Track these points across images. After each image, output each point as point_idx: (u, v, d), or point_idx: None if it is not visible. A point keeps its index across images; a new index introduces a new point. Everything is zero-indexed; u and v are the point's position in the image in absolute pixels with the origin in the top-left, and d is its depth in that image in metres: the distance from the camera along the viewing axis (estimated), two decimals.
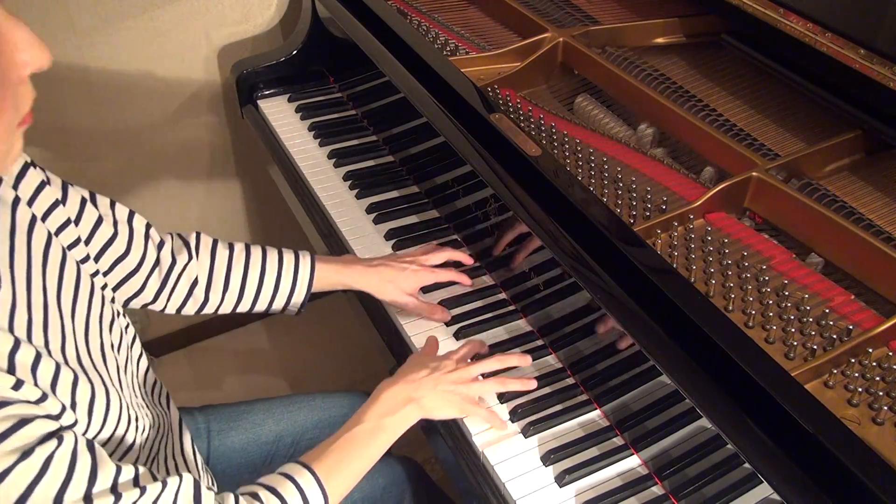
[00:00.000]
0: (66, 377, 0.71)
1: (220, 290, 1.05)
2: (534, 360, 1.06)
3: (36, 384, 0.67)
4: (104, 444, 0.76)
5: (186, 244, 1.04)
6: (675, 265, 0.93)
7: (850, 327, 0.86)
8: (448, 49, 1.33)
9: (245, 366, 2.09)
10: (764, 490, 0.78)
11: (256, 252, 1.07)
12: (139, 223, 0.98)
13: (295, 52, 1.59)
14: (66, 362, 0.73)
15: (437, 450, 1.03)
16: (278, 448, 1.14)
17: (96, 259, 0.91)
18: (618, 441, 0.97)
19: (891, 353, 0.85)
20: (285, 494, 0.82)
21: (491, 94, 1.20)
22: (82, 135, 1.64)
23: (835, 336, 0.84)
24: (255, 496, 0.81)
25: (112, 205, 0.95)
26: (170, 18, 1.60)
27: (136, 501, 0.70)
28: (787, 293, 0.90)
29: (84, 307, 0.81)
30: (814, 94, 1.12)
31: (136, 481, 0.72)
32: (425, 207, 1.32)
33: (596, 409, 1.00)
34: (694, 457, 0.89)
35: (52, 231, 0.82)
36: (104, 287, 0.89)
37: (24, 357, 0.67)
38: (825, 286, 0.93)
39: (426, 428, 1.04)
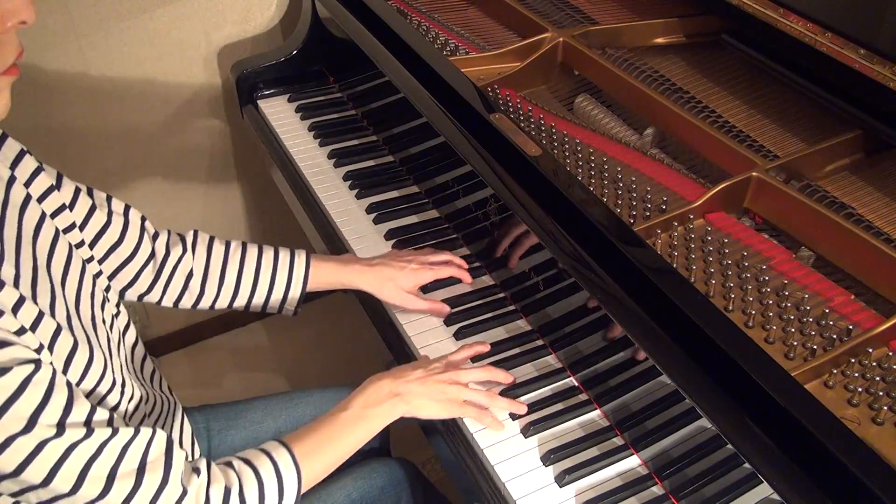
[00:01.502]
0: (47, 325, 0.73)
1: (215, 284, 1.06)
2: (534, 360, 1.06)
3: (16, 319, 0.69)
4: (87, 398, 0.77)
5: (182, 239, 1.05)
6: (675, 265, 0.93)
7: (850, 327, 0.86)
8: (448, 49, 1.33)
9: (244, 365, 2.09)
10: (764, 490, 0.78)
11: (252, 249, 1.09)
12: (135, 215, 1.00)
13: (295, 52, 1.59)
14: (53, 315, 0.75)
15: (438, 450, 1.03)
16: None
17: (91, 245, 0.93)
18: (618, 441, 0.97)
19: (891, 353, 0.85)
20: (260, 469, 0.83)
21: (491, 94, 1.20)
22: (81, 135, 1.64)
23: (835, 336, 0.84)
24: (230, 464, 0.82)
25: (108, 199, 0.98)
26: (169, 18, 1.60)
27: (108, 440, 0.72)
28: (787, 293, 0.90)
29: (75, 281, 0.84)
30: (814, 94, 1.12)
31: (109, 422, 0.74)
32: (425, 207, 1.32)
33: (596, 409, 1.00)
34: (694, 457, 0.89)
35: (48, 213, 0.84)
36: (98, 274, 0.91)
37: (6, 298, 0.69)
38: (825, 286, 0.93)
39: (426, 428, 1.04)
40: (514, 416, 0.99)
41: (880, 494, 0.66)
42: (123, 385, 0.84)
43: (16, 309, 0.69)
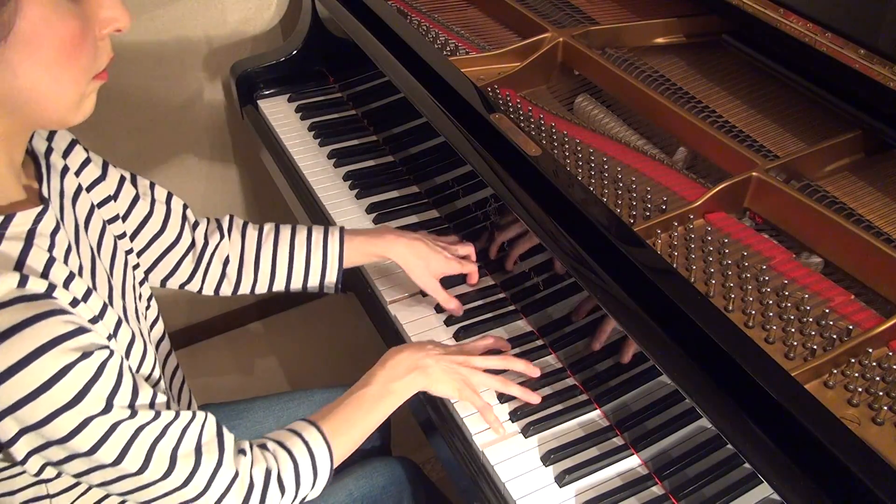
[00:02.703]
0: (110, 316, 0.75)
1: (251, 269, 1.07)
2: (534, 360, 1.06)
3: (90, 309, 0.71)
4: None
5: (219, 225, 1.06)
6: (675, 265, 0.93)
7: (850, 327, 0.86)
8: (448, 49, 1.33)
9: (245, 364, 2.09)
10: (764, 490, 0.78)
11: (286, 231, 1.09)
12: (177, 203, 1.02)
13: (295, 52, 1.59)
14: (112, 305, 0.77)
15: (438, 450, 1.03)
16: None
17: (133, 237, 0.95)
18: (618, 441, 0.97)
19: (891, 353, 0.85)
20: (293, 448, 0.85)
21: (491, 94, 1.20)
22: (81, 135, 1.64)
23: (835, 336, 0.84)
24: (263, 446, 0.84)
25: (152, 185, 0.99)
26: (170, 18, 1.60)
27: (171, 422, 0.74)
28: (787, 293, 0.90)
29: (120, 272, 0.86)
30: (814, 94, 1.12)
31: (168, 405, 0.76)
32: (425, 207, 1.32)
33: (596, 409, 1.00)
34: (694, 457, 0.89)
35: (95, 203, 0.86)
36: (136, 266, 0.93)
37: (78, 287, 0.71)
38: (825, 286, 0.93)
39: (426, 427, 1.04)
40: (514, 416, 0.99)
41: (880, 494, 0.66)
42: (161, 378, 0.86)
43: (86, 298, 0.71)
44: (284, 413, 1.18)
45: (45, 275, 0.68)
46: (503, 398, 1.01)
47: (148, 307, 0.93)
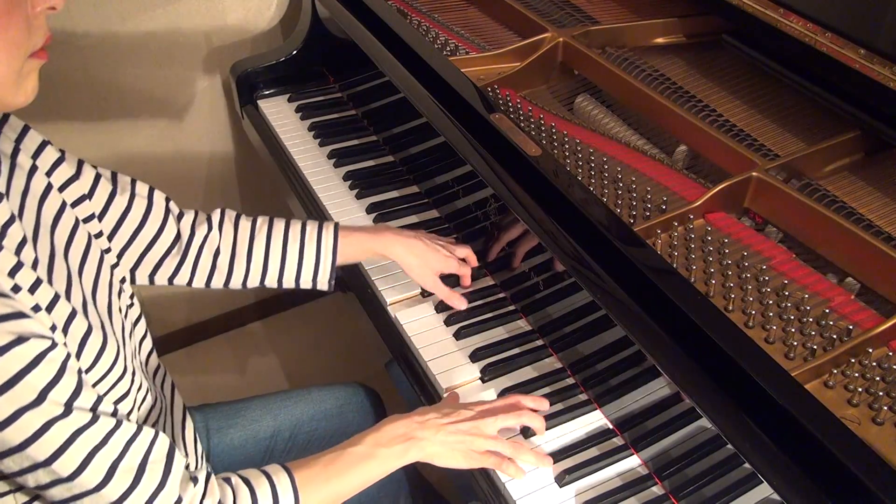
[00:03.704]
0: (62, 307, 0.73)
1: (243, 261, 1.05)
2: (534, 360, 1.06)
3: (32, 297, 0.70)
4: (96, 385, 0.77)
5: (208, 218, 1.04)
6: (675, 265, 0.93)
7: (850, 327, 0.86)
8: (448, 49, 1.33)
9: (244, 364, 2.09)
10: (764, 490, 0.78)
11: (279, 223, 1.07)
12: (159, 196, 1.00)
13: (295, 52, 1.59)
14: (69, 299, 0.75)
15: None
16: (276, 442, 1.15)
17: (112, 235, 0.94)
18: (618, 441, 0.97)
19: (891, 353, 0.85)
20: (258, 489, 0.81)
21: (491, 94, 1.20)
22: (81, 134, 1.64)
23: (835, 336, 0.84)
24: (227, 480, 0.81)
25: (133, 181, 0.98)
26: (169, 19, 1.60)
27: (113, 430, 0.72)
28: (787, 293, 0.90)
29: (93, 270, 0.84)
30: (814, 94, 1.12)
31: (113, 414, 0.74)
32: (425, 207, 1.32)
33: (596, 409, 1.00)
34: (694, 457, 0.89)
35: (69, 202, 0.85)
36: (115, 266, 0.91)
37: (24, 278, 0.70)
38: (825, 286, 0.93)
39: None
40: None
41: (880, 494, 0.66)
42: (133, 374, 0.84)
43: (32, 289, 0.70)
44: (281, 412, 1.17)
45: None
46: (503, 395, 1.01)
47: (130, 305, 0.91)
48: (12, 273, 0.69)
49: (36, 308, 0.70)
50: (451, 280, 1.15)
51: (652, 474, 0.93)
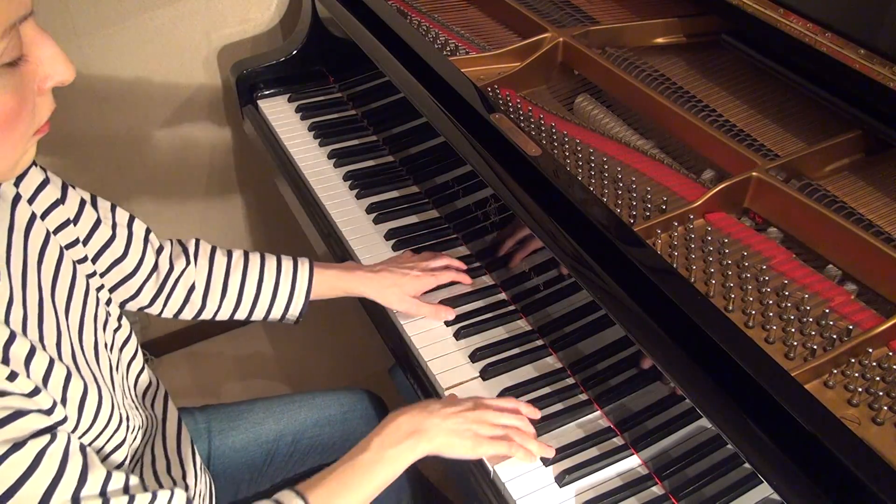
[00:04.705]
0: (58, 373, 0.71)
1: (217, 296, 1.05)
2: (534, 360, 1.06)
3: (29, 377, 0.67)
4: (94, 441, 0.76)
5: (185, 250, 1.04)
6: (675, 265, 0.93)
7: (850, 327, 0.86)
8: (448, 49, 1.33)
9: (245, 367, 2.09)
10: (764, 490, 0.78)
11: (255, 259, 1.08)
12: (139, 227, 0.99)
13: (295, 52, 1.59)
14: (60, 358, 0.73)
15: None
16: (278, 447, 1.14)
17: (94, 260, 0.91)
18: (618, 441, 0.97)
19: (891, 353, 0.85)
20: None
21: (491, 94, 1.20)
22: (81, 134, 1.64)
23: (835, 336, 0.84)
24: None
25: (112, 208, 0.96)
26: (169, 18, 1.60)
27: None
28: (787, 293, 0.90)
29: (79, 305, 0.82)
30: (814, 94, 1.12)
31: (125, 489, 0.72)
32: (425, 207, 1.32)
33: (596, 409, 1.00)
34: (694, 457, 0.89)
35: (51, 230, 0.83)
36: (100, 288, 0.90)
37: (19, 350, 0.67)
38: (825, 286, 0.93)
39: None
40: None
41: (880, 494, 0.66)
42: (128, 418, 0.82)
43: (28, 361, 0.67)
44: (285, 416, 1.17)
45: None
46: (502, 395, 1.01)
47: (118, 328, 0.89)
48: (7, 346, 0.65)
49: (34, 392, 0.66)
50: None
51: (652, 474, 0.93)
